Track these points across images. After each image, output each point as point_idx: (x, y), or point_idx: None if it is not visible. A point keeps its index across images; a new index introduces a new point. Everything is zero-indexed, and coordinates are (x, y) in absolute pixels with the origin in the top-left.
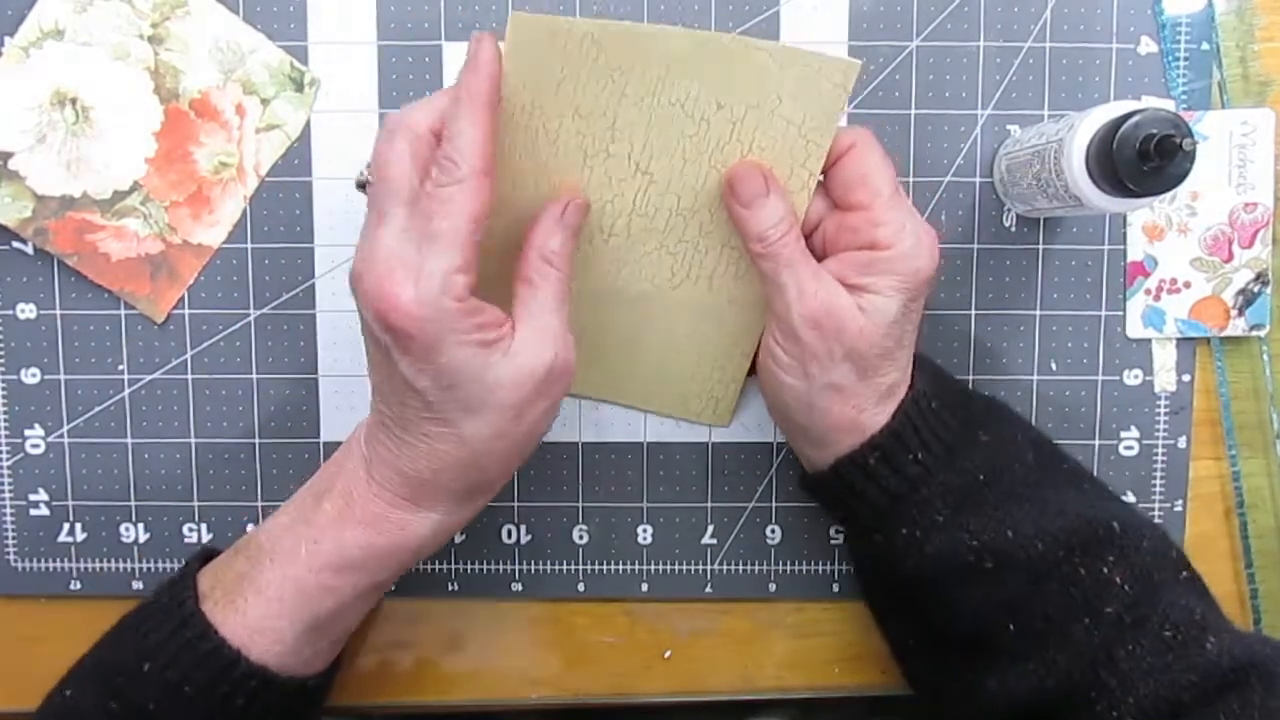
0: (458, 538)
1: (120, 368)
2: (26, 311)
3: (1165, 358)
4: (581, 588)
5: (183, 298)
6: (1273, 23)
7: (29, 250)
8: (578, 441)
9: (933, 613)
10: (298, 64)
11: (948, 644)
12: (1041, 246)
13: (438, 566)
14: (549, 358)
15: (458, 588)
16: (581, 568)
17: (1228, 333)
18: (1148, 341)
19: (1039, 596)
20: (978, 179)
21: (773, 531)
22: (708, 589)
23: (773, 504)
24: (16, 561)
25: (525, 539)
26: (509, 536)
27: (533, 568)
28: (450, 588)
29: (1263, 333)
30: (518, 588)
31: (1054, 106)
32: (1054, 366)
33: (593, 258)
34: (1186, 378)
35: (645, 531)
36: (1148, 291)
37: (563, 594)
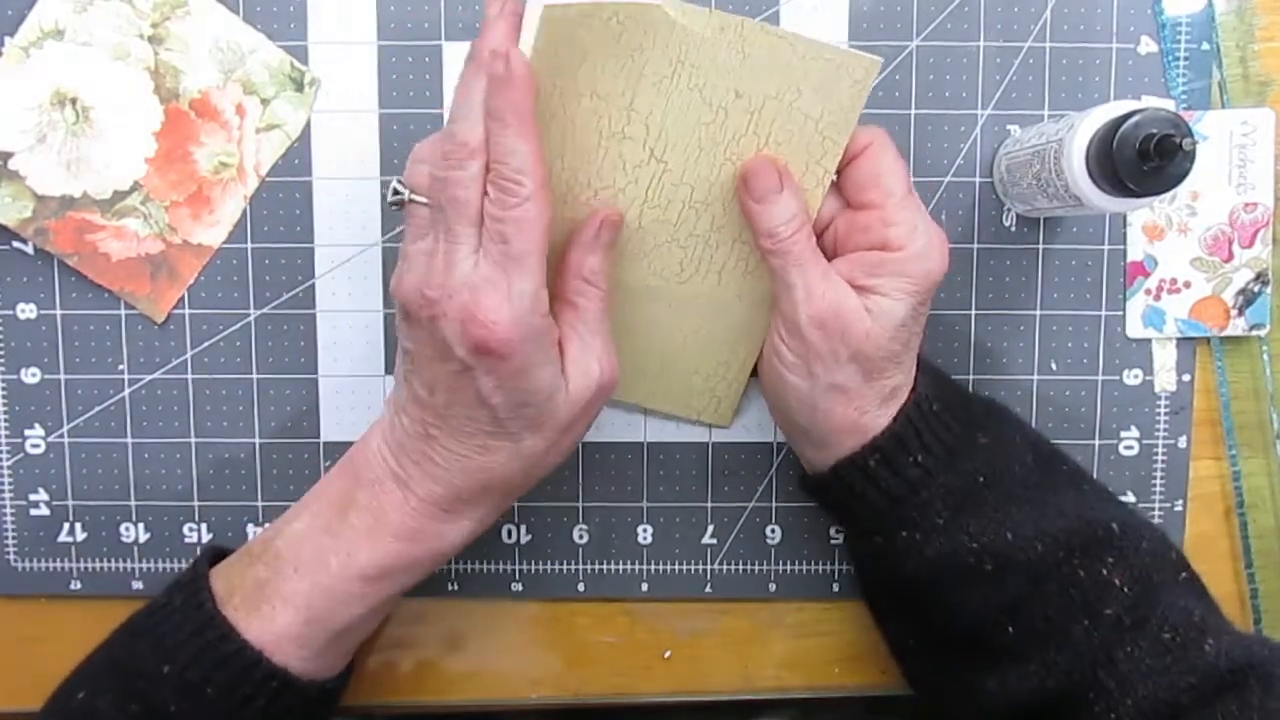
0: None
1: (120, 368)
2: (27, 311)
3: (1165, 357)
4: (581, 588)
5: (183, 298)
6: (1273, 23)
7: (29, 250)
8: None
9: (932, 613)
10: (298, 64)
11: (947, 644)
12: (1041, 246)
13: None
14: (596, 375)
15: (458, 588)
16: (581, 568)
17: (1228, 332)
18: (1148, 341)
19: (1039, 598)
20: (978, 179)
21: (773, 531)
22: (708, 589)
23: (773, 504)
24: (16, 561)
25: (525, 539)
26: (509, 536)
27: (533, 568)
28: (450, 588)
29: (1263, 332)
30: (518, 588)
31: (1054, 106)
32: (1054, 366)
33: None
34: (1186, 377)
35: (645, 531)
36: (1148, 291)
37: (563, 594)
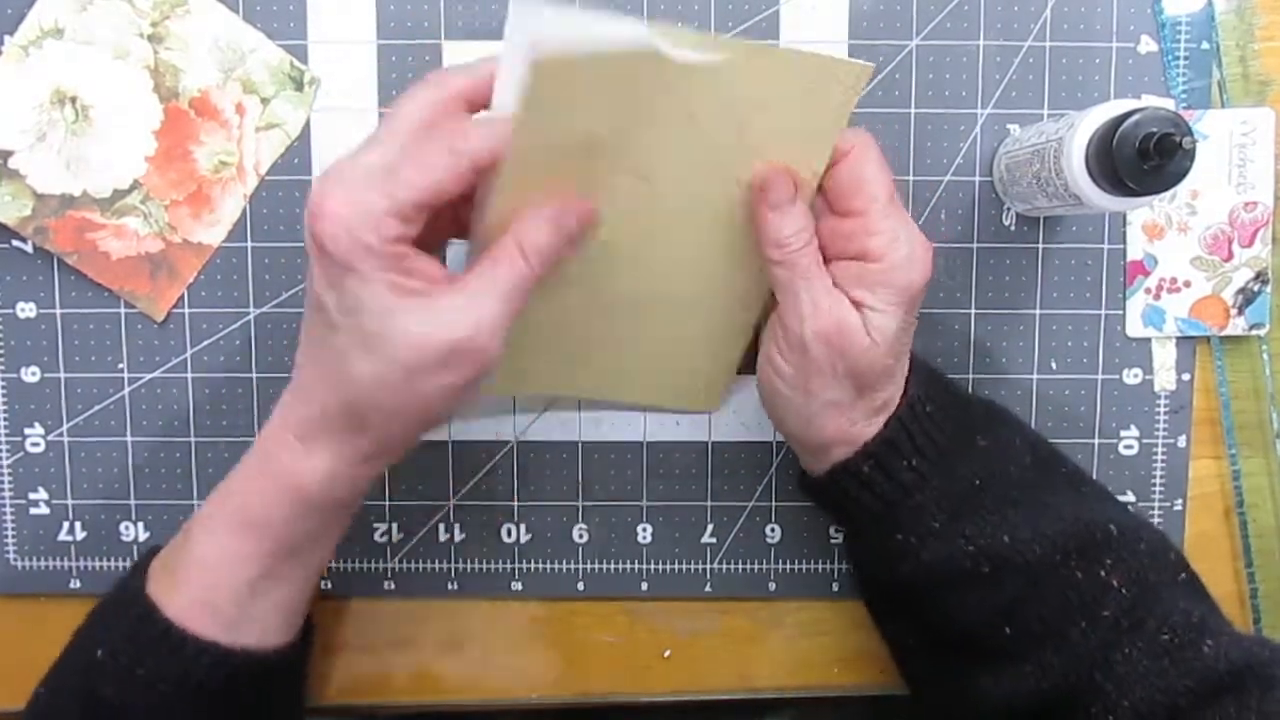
0: (458, 536)
1: (120, 367)
2: (26, 310)
3: (1165, 357)
4: (581, 587)
5: (183, 297)
6: (1272, 22)
7: (29, 249)
8: (578, 441)
9: (930, 615)
10: (297, 63)
11: (945, 646)
12: (1041, 246)
13: (437, 566)
14: (462, 334)
15: (458, 588)
16: (581, 567)
17: (1227, 332)
18: (1147, 341)
19: (1035, 600)
20: (978, 178)
21: (773, 531)
22: (708, 588)
23: (773, 503)
24: (16, 561)
25: (525, 538)
26: (509, 536)
27: (533, 567)
28: (450, 587)
29: (1263, 332)
30: (518, 587)
31: (1054, 106)
32: (1054, 366)
33: (591, 266)
34: (1186, 377)
35: (645, 531)
36: (1148, 290)
37: (563, 593)
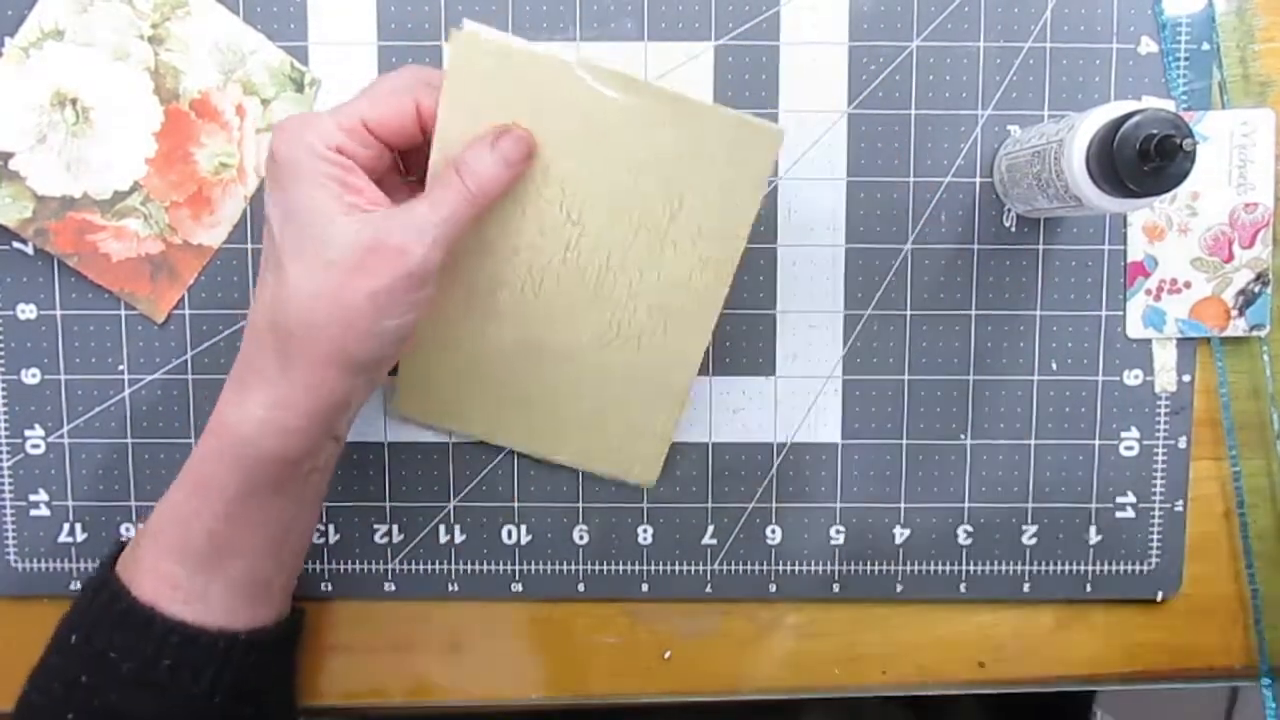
0: (458, 538)
1: (120, 368)
2: (27, 312)
3: (1165, 358)
4: (581, 588)
5: (183, 298)
6: (1273, 23)
7: (29, 250)
8: None
9: None
10: (298, 64)
11: None
12: (1041, 246)
13: (438, 568)
14: (388, 237)
15: (458, 588)
16: (581, 568)
17: (1228, 333)
18: (1148, 342)
19: None
20: (978, 179)
21: (773, 532)
22: (708, 589)
23: (773, 504)
24: (16, 561)
25: (525, 539)
26: (509, 536)
27: (533, 568)
28: (451, 589)
29: (1263, 333)
30: (518, 588)
31: (1054, 106)
32: (1054, 366)
33: (524, 309)
34: (1187, 378)
35: (645, 532)
36: (1148, 292)
37: (563, 594)
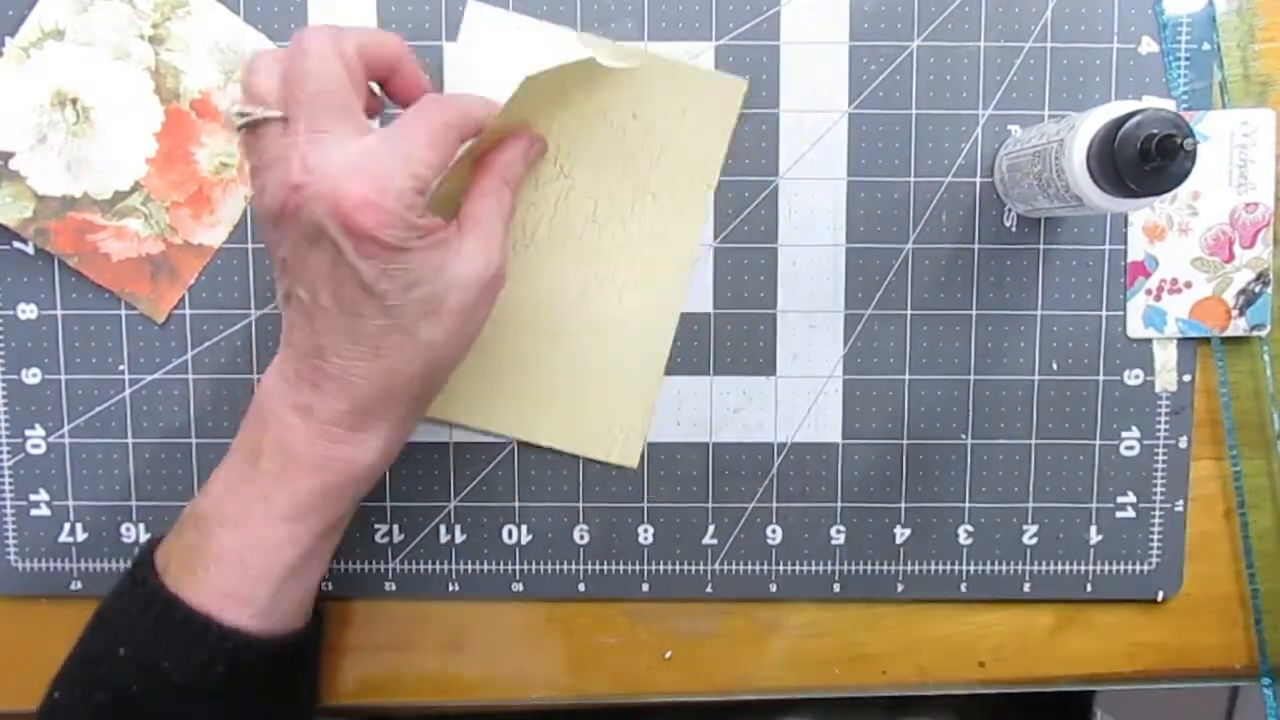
0: (459, 537)
1: (120, 368)
2: (27, 311)
3: (1166, 358)
4: (582, 588)
5: (183, 298)
6: (1273, 23)
7: (30, 250)
8: None
9: None
10: None
11: None
12: (1042, 246)
13: (438, 568)
14: (497, 260)
15: (458, 588)
16: (582, 568)
17: (1228, 333)
18: (1148, 341)
19: None
20: (978, 179)
21: (773, 532)
22: (709, 589)
23: (773, 504)
24: (17, 561)
25: (526, 539)
26: (509, 536)
27: (533, 568)
28: (451, 589)
29: (1263, 333)
30: (518, 588)
31: (1055, 106)
32: (1054, 366)
33: (513, 264)
34: (1187, 378)
35: (646, 531)
36: (1148, 291)
37: (563, 594)
